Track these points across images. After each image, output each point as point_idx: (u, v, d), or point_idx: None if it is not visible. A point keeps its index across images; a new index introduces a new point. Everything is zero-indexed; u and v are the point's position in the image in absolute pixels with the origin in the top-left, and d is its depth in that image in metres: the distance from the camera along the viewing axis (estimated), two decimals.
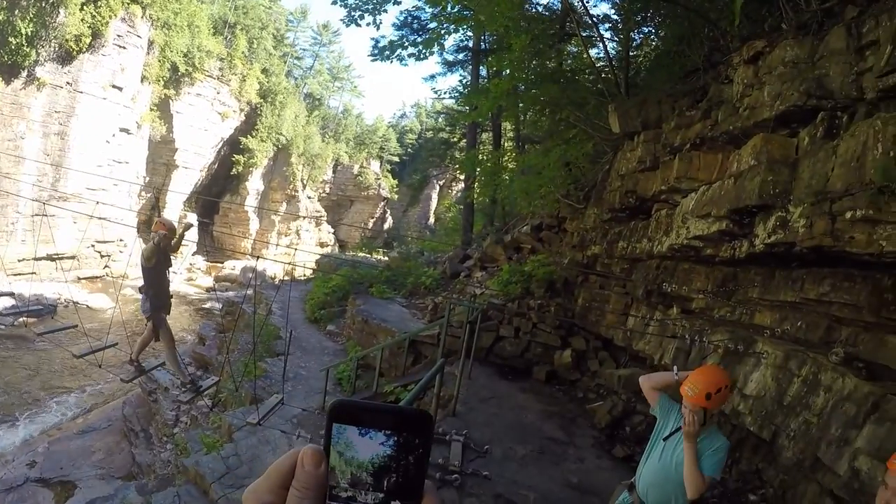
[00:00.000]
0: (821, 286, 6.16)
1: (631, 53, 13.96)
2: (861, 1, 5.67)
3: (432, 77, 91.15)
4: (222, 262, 43.90)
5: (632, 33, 13.62)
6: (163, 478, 10.29)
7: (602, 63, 14.14)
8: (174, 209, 41.08)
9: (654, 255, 9.81)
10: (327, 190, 61.00)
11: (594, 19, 14.11)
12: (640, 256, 10.48)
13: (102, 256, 33.27)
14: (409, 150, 70.92)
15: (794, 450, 5.96)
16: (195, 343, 19.76)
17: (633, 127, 10.47)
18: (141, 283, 8.41)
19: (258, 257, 8.10)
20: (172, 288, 8.93)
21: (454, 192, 63.37)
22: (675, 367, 4.18)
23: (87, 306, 26.61)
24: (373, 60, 18.20)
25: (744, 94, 7.30)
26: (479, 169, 21.29)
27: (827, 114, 6.02)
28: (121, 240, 33.59)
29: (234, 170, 47.22)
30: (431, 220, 66.63)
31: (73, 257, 29.18)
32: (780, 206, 6.16)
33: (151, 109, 37.06)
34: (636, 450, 8.07)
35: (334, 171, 61.14)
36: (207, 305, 30.24)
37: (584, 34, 14.28)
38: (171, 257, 8.54)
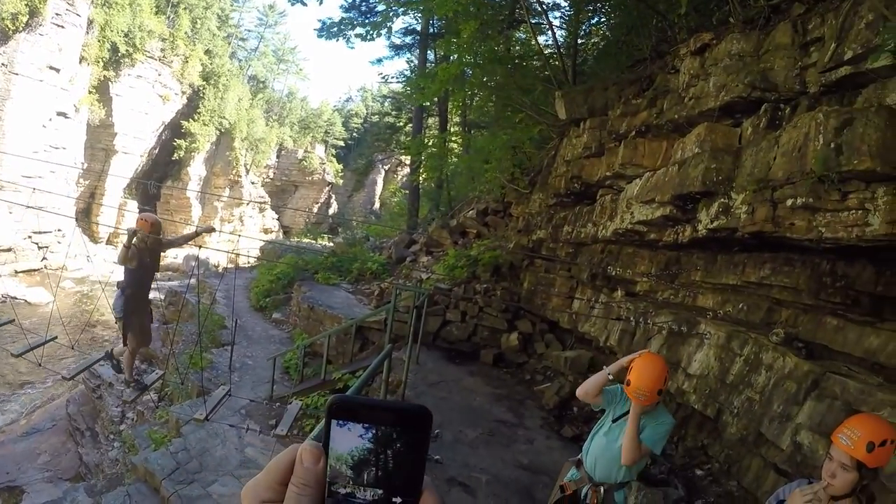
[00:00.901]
0: (761, 270, 6.42)
1: (579, 42, 14.10)
2: None
3: (379, 61, 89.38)
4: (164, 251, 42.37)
5: (581, 22, 13.74)
6: (112, 477, 9.92)
7: (550, 50, 14.22)
8: (113, 196, 39.48)
9: (599, 239, 10.00)
10: (271, 175, 59.66)
11: (544, 6, 14.20)
12: (585, 241, 10.65)
13: (40, 248, 31.43)
14: (354, 134, 69.84)
15: (738, 426, 6.23)
16: None
17: (580, 113, 10.61)
18: (120, 278, 7.82)
19: (200, 245, 7.74)
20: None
21: (400, 176, 62.85)
22: (605, 369, 4.20)
23: (26, 301, 25.41)
24: (319, 37, 17.89)
25: (689, 85, 7.50)
26: (424, 154, 21.21)
27: (770, 105, 6.26)
28: (59, 230, 31.98)
29: (175, 155, 45.45)
30: (377, 205, 65.91)
31: (8, 250, 27.78)
32: (722, 192, 6.35)
33: (90, 92, 35.19)
34: (584, 429, 8.25)
35: (278, 156, 59.75)
36: (151, 296, 28.80)
37: (533, 21, 14.34)
38: (161, 257, 8.03)
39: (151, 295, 8.44)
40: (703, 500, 6.13)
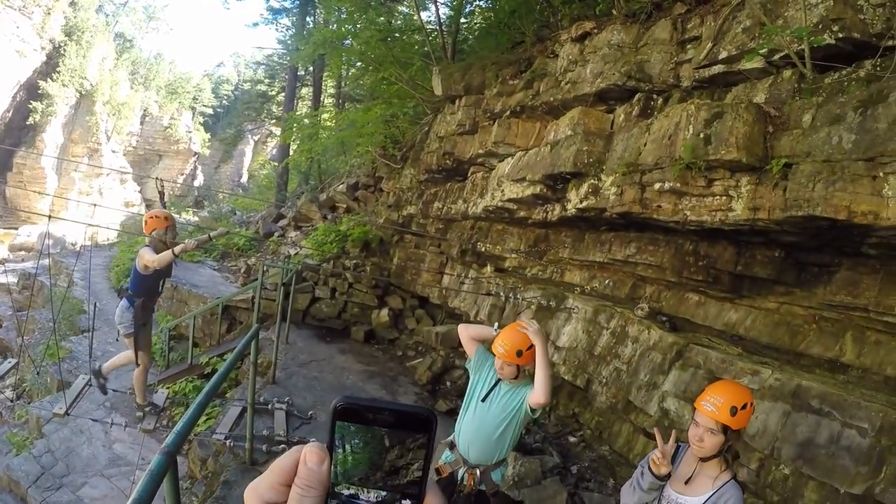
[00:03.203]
0: (628, 249, 6.84)
1: (462, 20, 14.12)
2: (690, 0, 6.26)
3: (256, 24, 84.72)
4: (17, 228, 37.83)
5: (466, 0, 13.77)
6: None
7: (432, 26, 14.12)
8: None
9: (469, 216, 10.19)
10: (134, 143, 54.07)
11: None
12: (456, 217, 10.83)
13: None
14: (224, 102, 64.91)
15: (608, 394, 6.62)
16: None
17: (456, 91, 10.69)
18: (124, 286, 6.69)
19: (50, 216, 6.77)
20: None
21: (269, 147, 59.65)
22: (495, 325, 4.32)
23: None
24: None
25: (567, 70, 7.76)
26: (297, 131, 20.53)
27: (644, 95, 6.65)
28: None
29: (30, 119, 40.52)
30: (245, 177, 62.19)
31: None
32: (593, 174, 6.66)
33: None
34: (458, 403, 8.33)
35: (142, 123, 54.06)
36: (2, 280, 25.99)
37: None
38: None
39: (2, 279, 7.27)
40: (577, 465, 6.46)
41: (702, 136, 4.94)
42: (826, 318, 4.89)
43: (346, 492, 0.64)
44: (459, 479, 3.99)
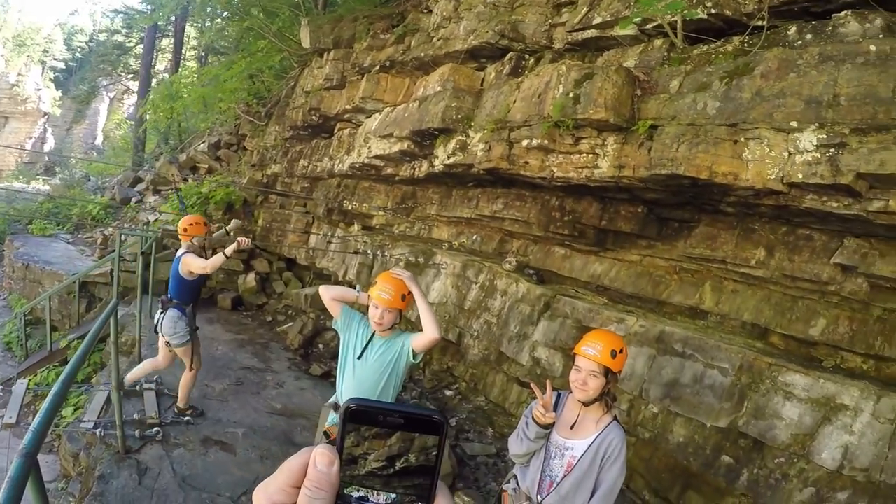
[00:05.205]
0: (495, 204, 6.90)
1: None
2: None
3: None
4: None
5: None
6: None
7: None
8: None
9: (336, 173, 9.91)
10: None
11: None
12: (322, 175, 10.50)
13: None
14: (77, 55, 57.82)
15: (480, 347, 6.71)
16: None
17: (325, 44, 10.22)
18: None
19: None
20: None
21: (126, 105, 54.16)
22: (357, 287, 4.28)
23: None
24: None
25: (441, 26, 7.60)
26: (154, 92, 18.97)
27: (516, 55, 6.64)
28: None
29: None
30: (100, 139, 55.38)
31: None
32: (461, 130, 6.61)
33: None
34: (332, 365, 8.22)
35: None
36: None
37: None
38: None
39: None
40: (456, 417, 6.53)
41: (571, 95, 4.99)
42: (686, 270, 5.21)
43: (355, 494, 0.62)
44: None
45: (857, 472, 3.53)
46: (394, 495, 0.63)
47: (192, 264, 5.90)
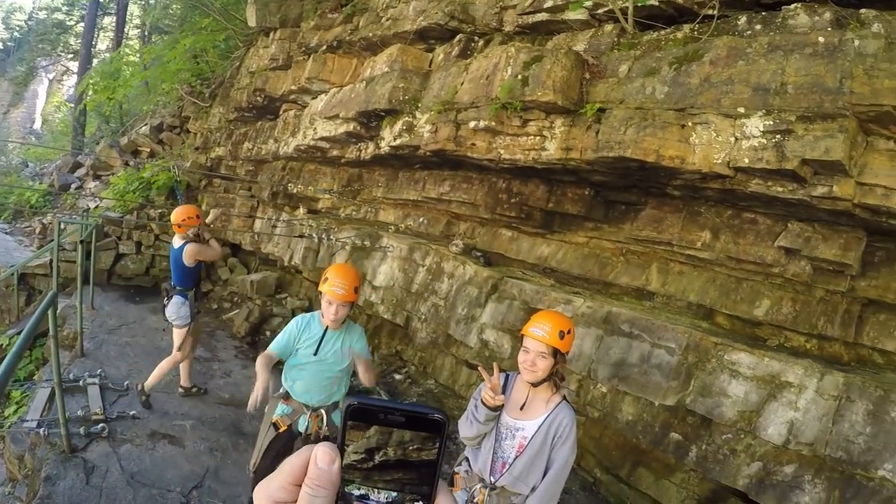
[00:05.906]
0: (441, 186, 6.83)
1: None
2: None
3: None
4: None
5: None
6: None
7: None
8: None
9: (281, 156, 9.68)
10: None
11: None
12: (266, 158, 10.22)
13: None
14: (15, 34, 55.62)
15: (428, 330, 6.67)
16: None
17: (271, 23, 9.90)
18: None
19: None
20: None
21: (66, 87, 51.77)
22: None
23: None
24: None
25: (389, 6, 7.44)
26: (94, 72, 18.16)
27: (465, 36, 6.54)
28: None
29: None
30: (38, 122, 53.13)
31: None
32: (407, 111, 6.51)
33: None
34: None
35: None
36: None
37: None
38: None
39: None
40: (406, 400, 6.32)
41: (520, 77, 4.94)
42: (633, 251, 5.26)
43: (356, 492, 0.62)
44: (303, 428, 3.97)
45: (803, 446, 3.64)
46: (395, 494, 0.63)
47: (203, 253, 6.23)
